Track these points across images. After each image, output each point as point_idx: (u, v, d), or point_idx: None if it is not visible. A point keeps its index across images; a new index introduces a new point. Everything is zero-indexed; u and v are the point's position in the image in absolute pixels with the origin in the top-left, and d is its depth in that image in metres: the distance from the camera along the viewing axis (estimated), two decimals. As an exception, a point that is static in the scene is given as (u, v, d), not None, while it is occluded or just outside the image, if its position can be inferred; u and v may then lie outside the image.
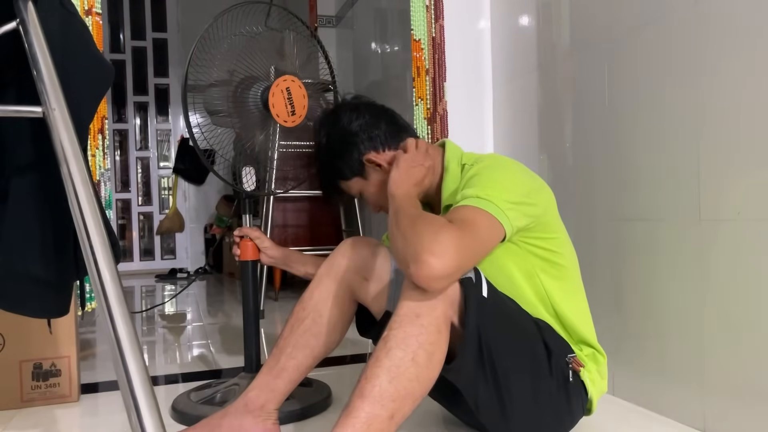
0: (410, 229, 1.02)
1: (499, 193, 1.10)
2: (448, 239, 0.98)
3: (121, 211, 5.55)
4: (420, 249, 0.97)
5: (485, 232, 1.07)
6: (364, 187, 1.37)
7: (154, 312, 3.33)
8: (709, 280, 1.29)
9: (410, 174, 1.22)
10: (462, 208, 1.09)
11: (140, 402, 0.72)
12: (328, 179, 1.41)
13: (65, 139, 0.80)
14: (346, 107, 1.38)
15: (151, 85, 5.61)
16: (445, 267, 0.97)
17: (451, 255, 0.98)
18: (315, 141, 1.41)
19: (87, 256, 0.77)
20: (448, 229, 1.00)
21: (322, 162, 1.40)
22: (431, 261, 0.96)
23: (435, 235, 0.98)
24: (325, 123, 1.39)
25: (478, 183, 1.14)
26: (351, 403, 0.98)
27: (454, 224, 1.02)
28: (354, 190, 1.39)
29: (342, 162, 1.35)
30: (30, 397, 1.59)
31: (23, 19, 0.83)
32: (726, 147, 1.25)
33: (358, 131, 1.33)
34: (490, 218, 1.07)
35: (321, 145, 1.39)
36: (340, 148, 1.35)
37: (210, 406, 1.47)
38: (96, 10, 1.72)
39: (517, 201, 1.12)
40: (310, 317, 1.28)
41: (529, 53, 1.93)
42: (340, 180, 1.39)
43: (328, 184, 1.42)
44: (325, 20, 4.07)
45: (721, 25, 1.25)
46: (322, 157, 1.39)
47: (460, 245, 0.99)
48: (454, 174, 1.27)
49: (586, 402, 1.23)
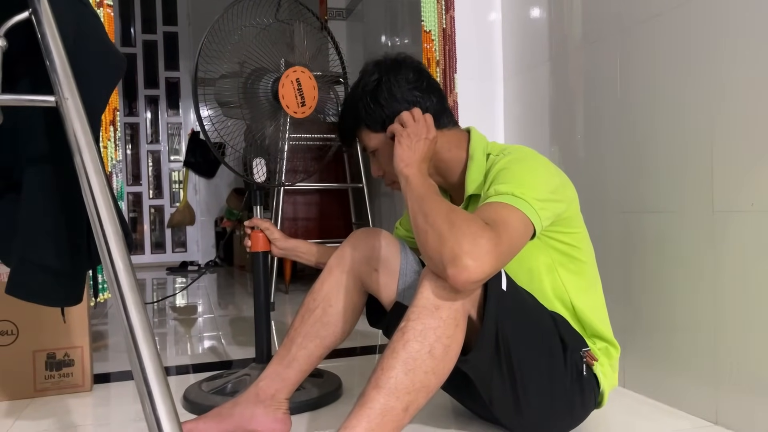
0: (446, 227, 0.98)
1: (531, 191, 1.08)
2: (488, 244, 0.96)
3: (132, 204, 5.58)
4: (459, 252, 0.95)
5: (520, 233, 1.04)
6: (384, 147, 1.28)
7: (165, 304, 3.35)
8: (722, 272, 1.28)
9: (415, 149, 1.15)
10: (497, 206, 1.06)
11: (153, 389, 0.72)
12: (354, 120, 1.31)
13: (78, 128, 0.80)
14: (410, 64, 1.30)
15: (162, 79, 5.63)
16: (484, 271, 0.95)
17: (491, 259, 0.96)
18: (361, 77, 1.31)
19: (100, 246, 0.77)
20: (487, 233, 0.97)
21: (359, 100, 1.29)
22: (471, 266, 0.94)
23: (474, 239, 0.95)
24: (384, 67, 1.29)
25: (511, 179, 1.11)
26: (366, 394, 0.98)
27: (491, 227, 0.99)
28: (371, 144, 1.31)
29: (380, 110, 1.26)
30: (43, 386, 1.61)
31: (35, 9, 0.83)
32: (739, 138, 1.24)
33: (412, 90, 1.26)
34: (524, 218, 1.05)
35: (367, 84, 1.28)
36: (387, 98, 1.26)
37: (221, 396, 1.48)
38: (107, 2, 1.73)
39: (547, 198, 1.10)
40: (321, 307, 1.28)
41: (541, 45, 1.92)
42: (365, 126, 1.30)
43: (349, 125, 1.33)
44: (335, 13, 4.07)
45: (736, 13, 1.24)
46: (362, 96, 1.28)
47: (499, 251, 0.97)
48: (479, 163, 1.24)
49: (598, 395, 1.23)
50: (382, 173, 1.33)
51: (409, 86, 1.26)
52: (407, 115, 1.21)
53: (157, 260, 5.57)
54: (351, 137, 1.36)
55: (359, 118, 1.30)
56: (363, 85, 1.29)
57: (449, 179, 1.31)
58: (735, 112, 1.25)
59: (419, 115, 1.21)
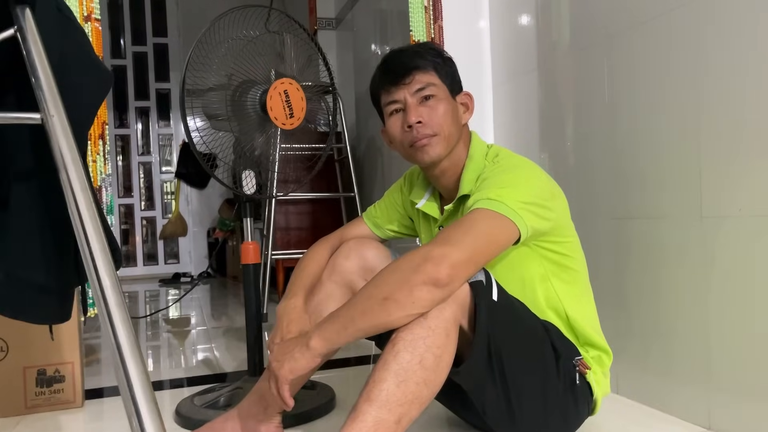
0: (391, 277, 1.00)
1: (509, 194, 1.08)
2: (444, 243, 0.99)
3: (124, 216, 5.56)
4: (424, 254, 0.99)
5: (489, 229, 1.05)
6: (441, 96, 1.23)
7: (158, 316, 3.34)
8: (713, 277, 1.28)
9: (291, 359, 1.06)
10: (468, 213, 1.08)
11: (141, 408, 0.71)
12: (428, 56, 1.25)
13: (64, 145, 0.80)
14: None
15: (153, 90, 5.62)
16: (457, 256, 0.98)
17: (458, 247, 0.99)
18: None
19: (87, 263, 0.77)
20: (438, 241, 1.02)
21: (433, 50, 1.27)
22: (443, 251, 0.98)
23: (428, 248, 1.00)
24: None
25: (489, 185, 1.12)
26: (358, 407, 0.97)
27: (440, 241, 1.02)
28: (429, 89, 1.22)
29: (450, 67, 1.27)
30: (34, 403, 1.59)
31: (21, 26, 0.83)
32: (726, 144, 1.24)
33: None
34: (498, 216, 1.05)
35: (444, 52, 1.29)
36: (453, 64, 1.29)
37: (214, 410, 1.47)
38: (95, 16, 1.73)
39: (531, 202, 1.10)
40: (312, 319, 1.27)
41: (529, 52, 1.93)
42: (433, 71, 1.24)
43: (420, 58, 1.24)
44: (325, 22, 4.07)
45: (721, 20, 1.25)
46: (439, 51, 1.28)
47: (462, 238, 1.01)
48: (477, 164, 1.24)
49: (591, 403, 1.23)
50: (420, 120, 1.21)
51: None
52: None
53: (150, 272, 5.54)
54: (411, 70, 1.23)
55: (429, 61, 1.24)
56: (433, 46, 1.32)
57: (447, 174, 1.28)
58: (722, 118, 1.25)
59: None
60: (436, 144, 1.21)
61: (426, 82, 1.22)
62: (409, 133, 1.22)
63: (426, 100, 1.22)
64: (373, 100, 1.32)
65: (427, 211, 1.34)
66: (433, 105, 1.22)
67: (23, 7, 0.85)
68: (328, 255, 1.34)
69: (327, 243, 1.38)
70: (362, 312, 1.00)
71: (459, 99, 1.27)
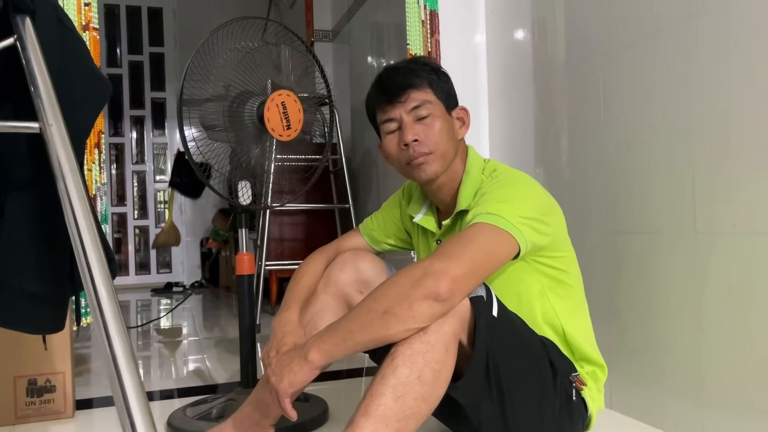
0: (391, 291, 0.99)
1: (508, 208, 1.08)
2: (444, 257, 0.99)
3: (116, 224, 5.53)
4: (425, 269, 0.98)
5: (489, 243, 1.04)
6: (436, 113, 1.23)
7: (150, 326, 3.31)
8: (706, 293, 1.29)
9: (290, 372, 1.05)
10: (468, 228, 1.07)
11: (136, 419, 0.71)
12: (423, 73, 1.24)
13: (62, 155, 0.80)
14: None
15: (148, 99, 5.62)
16: (457, 271, 0.98)
17: (459, 262, 0.99)
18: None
19: (83, 273, 0.76)
20: (438, 255, 1.01)
21: (427, 65, 1.27)
22: (443, 265, 0.98)
23: (429, 262, 0.99)
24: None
25: (488, 200, 1.12)
26: (355, 421, 0.96)
27: (436, 256, 1.01)
28: (424, 106, 1.22)
29: (446, 83, 1.27)
30: (25, 413, 1.58)
31: (21, 35, 0.83)
32: (720, 161, 1.25)
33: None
34: (498, 231, 1.05)
35: (440, 68, 1.30)
36: (448, 80, 1.29)
37: (206, 422, 1.46)
38: (93, 25, 1.73)
39: (530, 217, 1.10)
40: (307, 331, 1.27)
41: (525, 68, 1.94)
42: (428, 87, 1.23)
43: (415, 76, 1.23)
44: (322, 35, 4.09)
45: (713, 38, 1.26)
46: (434, 67, 1.28)
47: (461, 252, 1.00)
48: (474, 178, 1.24)
49: (586, 419, 1.23)
50: (416, 139, 1.21)
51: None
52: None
53: (142, 281, 5.51)
54: (406, 88, 1.23)
55: (424, 78, 1.24)
56: (428, 61, 1.31)
57: (444, 189, 1.28)
58: (715, 135, 1.27)
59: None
60: (433, 162, 1.22)
61: (421, 99, 1.22)
62: (406, 152, 1.22)
63: (422, 119, 1.22)
64: (369, 117, 1.32)
65: (425, 225, 1.34)
66: (429, 123, 1.22)
67: (23, 17, 0.85)
68: (323, 267, 1.34)
69: (323, 254, 1.38)
70: (361, 325, 0.99)
71: (455, 114, 1.28)
